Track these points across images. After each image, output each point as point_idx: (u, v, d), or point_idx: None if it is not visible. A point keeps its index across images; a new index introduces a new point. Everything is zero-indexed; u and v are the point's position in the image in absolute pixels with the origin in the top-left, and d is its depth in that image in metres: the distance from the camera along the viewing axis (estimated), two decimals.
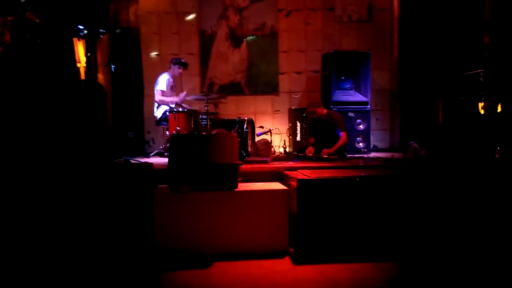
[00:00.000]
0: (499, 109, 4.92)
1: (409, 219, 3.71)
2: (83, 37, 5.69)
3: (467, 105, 5.37)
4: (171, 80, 5.98)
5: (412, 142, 5.34)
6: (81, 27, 5.67)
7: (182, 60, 6.04)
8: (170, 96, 5.92)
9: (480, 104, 5.10)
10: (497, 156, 4.69)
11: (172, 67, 5.98)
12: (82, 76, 5.61)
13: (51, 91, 4.37)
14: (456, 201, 3.88)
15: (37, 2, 4.44)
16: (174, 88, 6.07)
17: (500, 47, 5.03)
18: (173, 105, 5.76)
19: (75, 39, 5.47)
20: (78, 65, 5.56)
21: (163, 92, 5.85)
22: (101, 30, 6.04)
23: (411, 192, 3.76)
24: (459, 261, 3.47)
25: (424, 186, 3.84)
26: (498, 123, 4.86)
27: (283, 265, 3.46)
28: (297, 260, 3.51)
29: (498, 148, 4.71)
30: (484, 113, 5.05)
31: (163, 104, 5.86)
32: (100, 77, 6.21)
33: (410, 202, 3.73)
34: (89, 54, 5.83)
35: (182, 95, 5.84)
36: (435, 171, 4.27)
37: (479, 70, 5.13)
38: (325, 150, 5.01)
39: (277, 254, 3.62)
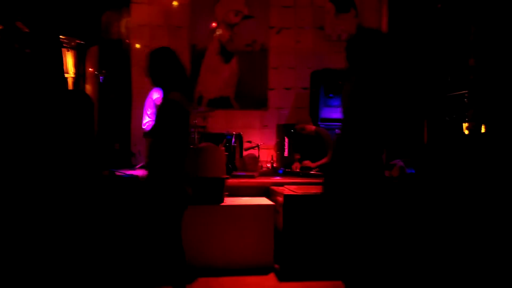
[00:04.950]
0: (483, 130, 5.01)
1: (394, 237, 3.72)
2: (73, 48, 5.68)
3: (451, 125, 5.46)
4: None
5: (398, 160, 5.39)
6: (70, 37, 5.67)
7: None
8: None
9: (465, 125, 5.19)
10: (478, 176, 4.75)
11: None
12: (70, 87, 5.58)
13: (38, 100, 4.33)
14: (441, 218, 3.91)
15: (27, 11, 4.43)
16: None
17: (484, 69, 5.15)
18: None
19: (64, 50, 5.46)
20: (67, 75, 5.54)
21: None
22: (91, 41, 6.05)
23: (396, 209, 3.78)
24: (447, 280, 3.48)
25: (409, 204, 3.86)
26: (482, 143, 4.94)
27: (268, 281, 3.43)
28: (282, 277, 3.48)
29: (482, 168, 4.77)
30: (468, 133, 5.14)
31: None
32: (88, 88, 6.18)
33: (395, 219, 3.75)
34: (77, 65, 5.81)
35: None
36: (420, 189, 4.31)
37: (464, 91, 5.24)
38: (307, 161, 5.03)
39: (262, 270, 3.59)
